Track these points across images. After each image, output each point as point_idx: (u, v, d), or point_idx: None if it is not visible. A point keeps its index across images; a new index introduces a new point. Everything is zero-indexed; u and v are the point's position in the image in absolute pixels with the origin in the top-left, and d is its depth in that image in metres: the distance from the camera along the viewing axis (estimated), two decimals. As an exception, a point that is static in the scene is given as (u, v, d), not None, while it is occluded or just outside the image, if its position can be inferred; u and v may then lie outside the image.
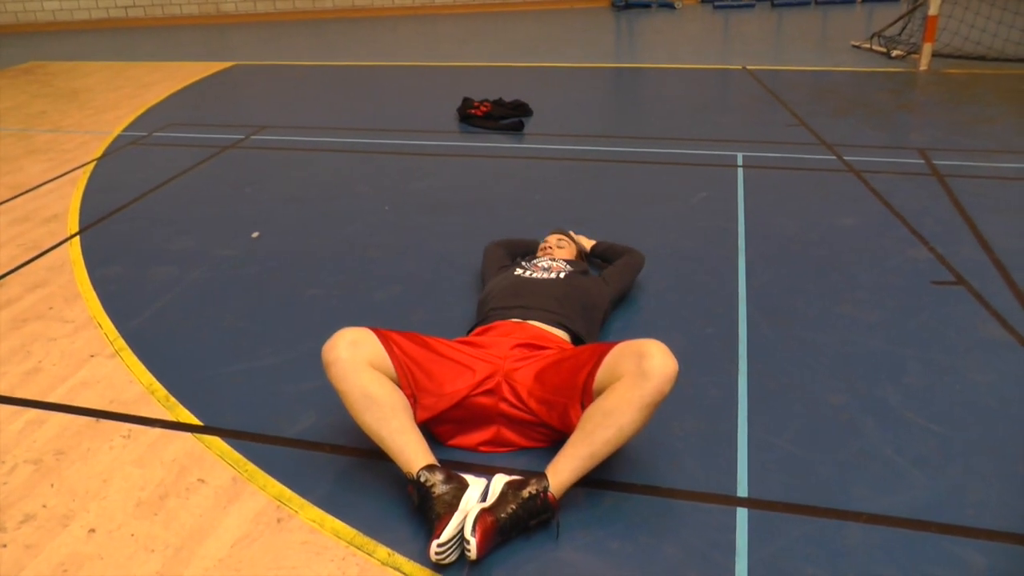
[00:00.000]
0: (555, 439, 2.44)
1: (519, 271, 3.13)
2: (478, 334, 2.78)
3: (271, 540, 2.24)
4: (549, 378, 2.47)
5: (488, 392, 2.51)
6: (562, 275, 3.06)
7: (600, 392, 2.29)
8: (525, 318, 2.81)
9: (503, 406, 2.50)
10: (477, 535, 2.05)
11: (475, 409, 2.51)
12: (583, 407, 2.33)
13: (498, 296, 2.98)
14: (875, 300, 3.38)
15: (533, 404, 2.46)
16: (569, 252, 3.49)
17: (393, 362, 2.44)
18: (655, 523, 2.25)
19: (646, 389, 2.17)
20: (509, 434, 2.53)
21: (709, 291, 3.53)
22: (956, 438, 2.54)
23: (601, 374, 2.31)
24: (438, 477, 2.21)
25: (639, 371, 2.19)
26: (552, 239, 3.53)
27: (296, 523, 2.30)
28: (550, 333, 2.75)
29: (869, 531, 2.19)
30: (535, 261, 3.25)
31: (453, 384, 2.49)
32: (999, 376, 2.85)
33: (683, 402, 2.75)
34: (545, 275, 3.06)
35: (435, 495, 2.17)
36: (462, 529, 2.09)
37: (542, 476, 2.22)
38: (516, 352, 2.61)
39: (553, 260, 3.24)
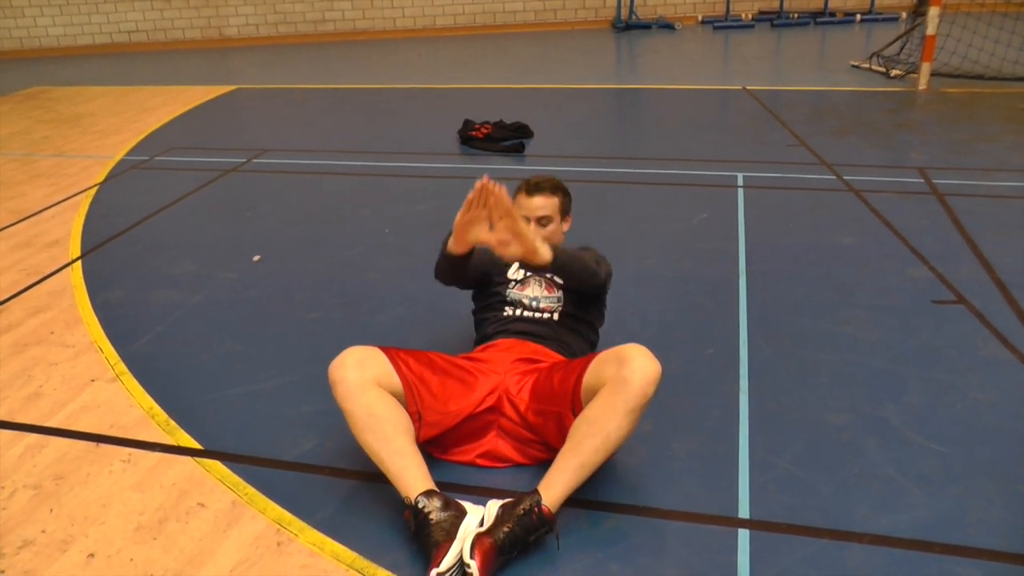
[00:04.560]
0: (550, 457, 2.42)
1: (508, 310, 2.89)
2: (480, 350, 2.80)
3: (271, 564, 2.23)
4: (543, 389, 2.50)
5: (489, 409, 2.55)
6: (555, 316, 2.86)
7: (588, 398, 2.32)
8: (524, 340, 2.80)
9: (503, 421, 2.55)
10: (477, 559, 2.05)
11: (475, 424, 2.55)
12: (574, 415, 2.35)
13: (494, 327, 2.89)
14: (875, 319, 3.38)
15: (531, 417, 2.50)
16: (555, 224, 2.92)
17: (401, 381, 2.45)
18: (655, 545, 2.24)
19: (628, 394, 2.20)
20: (505, 449, 2.56)
21: (709, 311, 3.53)
22: (957, 457, 2.53)
23: (587, 380, 2.35)
24: (436, 503, 2.20)
25: (620, 376, 2.22)
26: (533, 228, 2.83)
27: (296, 547, 2.29)
28: (548, 350, 2.77)
29: (871, 552, 2.18)
30: (520, 284, 2.94)
31: (457, 403, 2.52)
32: (1000, 395, 2.84)
33: (684, 423, 2.75)
34: (536, 315, 2.86)
35: (433, 522, 2.16)
36: (461, 556, 2.08)
37: (534, 492, 2.22)
38: (516, 366, 2.65)
39: (540, 284, 2.92)
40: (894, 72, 8.09)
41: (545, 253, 2.53)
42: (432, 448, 2.57)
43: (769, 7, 12.79)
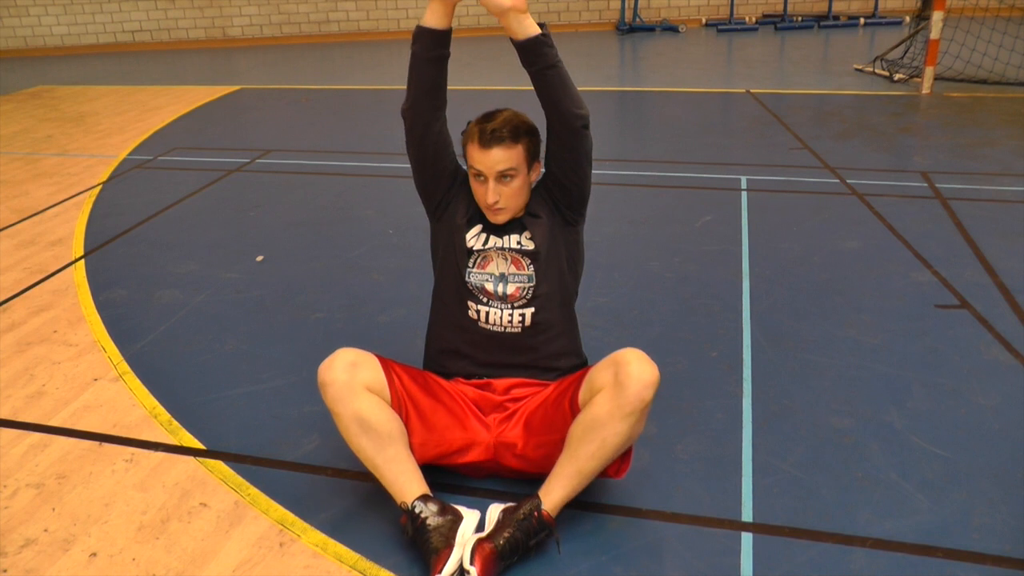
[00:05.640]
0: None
1: (472, 308, 2.51)
2: (461, 383, 2.56)
3: (273, 564, 2.23)
4: (537, 421, 2.40)
5: (487, 460, 2.44)
6: (527, 318, 2.48)
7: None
8: (504, 376, 2.56)
9: (502, 470, 2.46)
10: (477, 565, 2.04)
11: (475, 469, 2.48)
12: None
13: (459, 338, 2.57)
14: (879, 323, 3.37)
15: (531, 453, 2.39)
16: (521, 177, 2.43)
17: (391, 392, 2.35)
18: (659, 548, 2.24)
19: (625, 399, 2.12)
20: (506, 476, 2.51)
21: (713, 314, 3.53)
22: (960, 462, 2.53)
23: (583, 393, 2.27)
24: (432, 508, 2.19)
25: (617, 381, 2.14)
26: (492, 188, 2.40)
27: (299, 547, 2.29)
28: (530, 380, 2.55)
29: (874, 556, 2.18)
30: (482, 260, 2.50)
31: (442, 433, 2.41)
32: (1003, 399, 2.84)
33: (687, 426, 2.75)
34: (506, 321, 2.49)
35: (430, 527, 2.15)
36: (461, 563, 2.08)
37: (534, 496, 2.20)
38: (504, 407, 2.50)
39: (506, 259, 2.49)
40: (897, 76, 8.09)
41: (533, 23, 2.24)
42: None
43: (773, 10, 12.81)
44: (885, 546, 2.21)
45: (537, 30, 2.24)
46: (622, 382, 2.13)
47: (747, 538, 2.26)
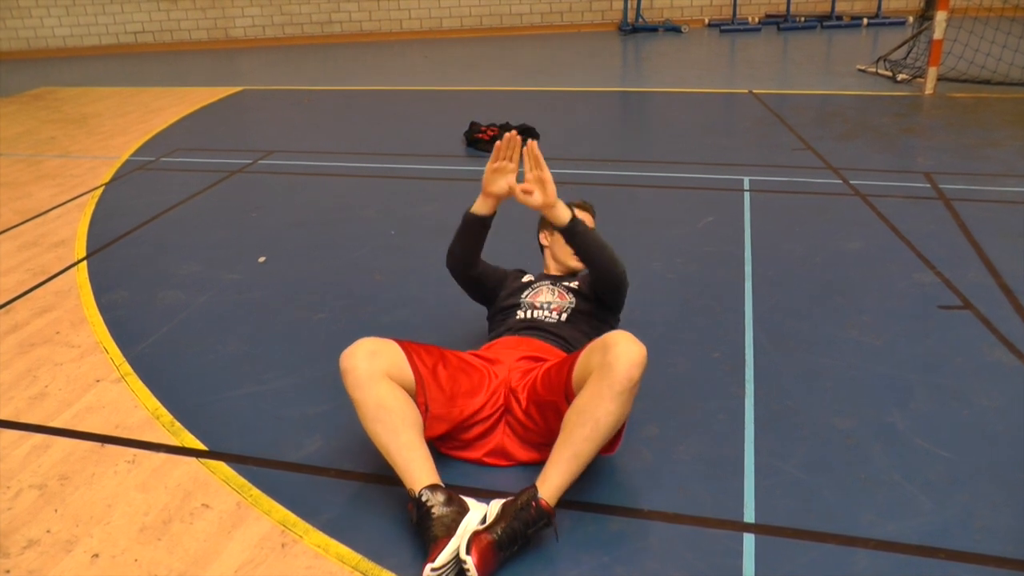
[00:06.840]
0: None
1: (520, 313, 2.97)
2: (486, 348, 2.83)
3: (276, 565, 2.23)
4: (543, 382, 2.51)
5: (498, 408, 2.57)
6: (563, 316, 2.92)
7: (579, 388, 2.32)
8: (527, 337, 2.84)
9: (509, 418, 2.57)
10: (474, 555, 2.05)
11: (484, 424, 2.56)
12: (568, 403, 2.35)
13: (501, 327, 2.97)
14: (882, 324, 3.37)
15: (533, 411, 2.51)
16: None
17: (413, 372, 2.46)
18: (661, 548, 2.24)
19: (613, 379, 2.19)
20: (512, 446, 2.57)
21: (715, 315, 3.52)
22: (964, 463, 2.52)
23: (578, 371, 2.35)
24: (439, 498, 2.21)
25: (605, 363, 2.22)
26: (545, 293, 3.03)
27: (301, 548, 2.29)
28: (551, 346, 2.80)
29: (877, 557, 2.17)
30: (533, 292, 3.05)
31: (464, 399, 2.53)
32: (1007, 400, 2.83)
33: (689, 426, 2.74)
34: (545, 315, 2.93)
35: (434, 516, 2.17)
36: (458, 552, 2.08)
37: (531, 487, 2.22)
38: (520, 364, 2.68)
39: (553, 292, 3.02)
40: (901, 76, 8.08)
41: (565, 211, 2.72)
42: (440, 444, 2.59)
43: (776, 11, 12.79)
44: (888, 547, 2.20)
45: (567, 216, 2.74)
46: (610, 363, 2.21)
47: (749, 539, 2.26)
